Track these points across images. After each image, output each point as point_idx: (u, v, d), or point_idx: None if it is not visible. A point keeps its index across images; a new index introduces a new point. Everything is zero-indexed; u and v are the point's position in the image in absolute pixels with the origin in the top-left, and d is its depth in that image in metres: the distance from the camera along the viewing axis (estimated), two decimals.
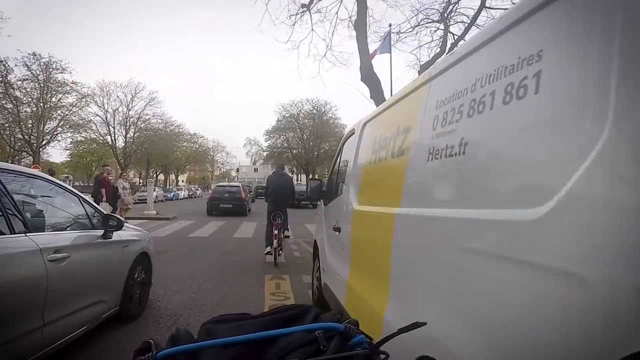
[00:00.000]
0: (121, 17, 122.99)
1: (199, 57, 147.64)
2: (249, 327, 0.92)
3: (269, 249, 7.37)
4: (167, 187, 49.67)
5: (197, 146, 60.08)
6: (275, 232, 7.19)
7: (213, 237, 11.11)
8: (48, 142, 31.60)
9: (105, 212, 3.78)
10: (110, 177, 11.62)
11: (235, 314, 1.06)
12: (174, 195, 39.90)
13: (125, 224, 3.83)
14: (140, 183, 56.96)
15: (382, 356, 0.87)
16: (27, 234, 2.50)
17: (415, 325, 0.86)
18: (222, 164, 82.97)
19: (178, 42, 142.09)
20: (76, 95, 31.40)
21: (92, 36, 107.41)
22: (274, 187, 7.71)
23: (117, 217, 3.68)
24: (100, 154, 40.33)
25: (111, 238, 3.55)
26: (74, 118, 32.14)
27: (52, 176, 6.27)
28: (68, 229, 3.21)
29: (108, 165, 13.64)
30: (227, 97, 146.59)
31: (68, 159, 52.76)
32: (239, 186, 20.16)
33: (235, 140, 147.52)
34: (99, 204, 7.54)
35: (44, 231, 2.88)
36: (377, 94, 10.37)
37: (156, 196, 34.22)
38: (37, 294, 2.46)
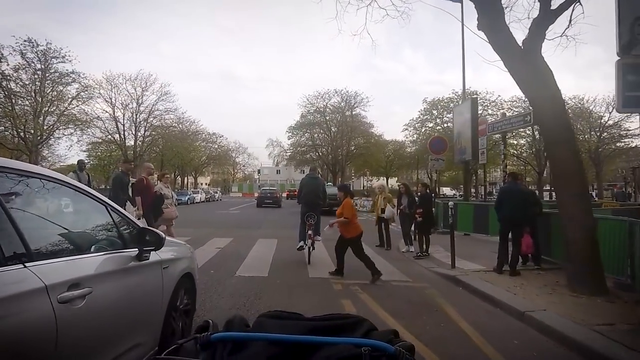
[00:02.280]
0: (146, 24, 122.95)
1: (223, 61, 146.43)
2: (299, 329, 0.92)
3: (301, 243, 7.76)
4: (183, 189, 46.17)
5: (216, 146, 56.64)
6: (309, 232, 7.60)
7: (204, 272, 6.59)
8: (47, 139, 28.20)
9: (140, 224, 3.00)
10: (155, 181, 8.21)
11: (289, 312, 1.09)
12: (189, 198, 36.12)
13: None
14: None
15: None
16: (27, 264, 1.78)
17: None
18: (244, 165, 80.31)
19: (202, 47, 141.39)
20: (78, 87, 27.90)
21: (117, 42, 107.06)
22: (307, 190, 8.12)
23: (156, 232, 2.87)
24: (118, 156, 37.22)
25: (148, 259, 2.81)
26: (75, 112, 28.68)
27: (81, 171, 8.35)
28: (90, 250, 2.42)
29: (149, 162, 9.63)
30: (250, 101, 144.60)
31: (86, 160, 50.48)
32: (276, 189, 34.32)
33: (258, 143, 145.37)
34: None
35: (53, 257, 2.05)
36: (507, 54, 5.61)
37: None
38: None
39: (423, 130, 35.05)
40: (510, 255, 6.71)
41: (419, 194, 9.29)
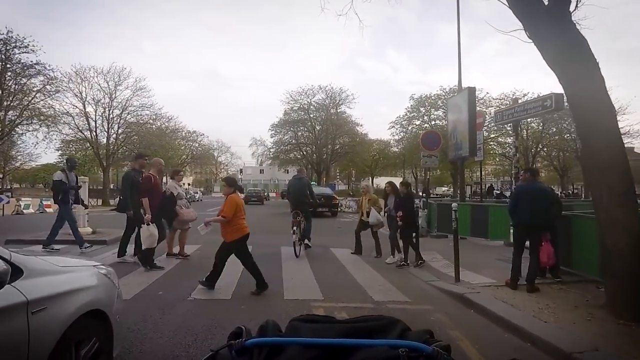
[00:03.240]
0: (127, 21, 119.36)
1: (207, 60, 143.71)
2: (333, 332, 0.92)
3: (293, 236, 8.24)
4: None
5: (196, 145, 54.70)
6: (294, 227, 8.23)
7: (143, 296, 5.24)
8: (8, 134, 26.08)
9: None
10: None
11: (321, 315, 1.11)
12: None
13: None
14: None
15: None
16: None
17: None
18: (227, 165, 78.62)
19: (185, 46, 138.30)
20: (43, 80, 25.85)
21: (97, 39, 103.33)
22: (294, 190, 9.11)
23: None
24: (92, 155, 35.07)
25: None
26: (40, 107, 26.61)
27: (71, 170, 8.33)
28: None
29: (159, 159, 8.42)
30: (234, 100, 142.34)
31: (59, 160, 47.91)
32: (260, 190, 41.61)
33: (242, 142, 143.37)
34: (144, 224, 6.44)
35: None
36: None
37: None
38: None
39: (410, 127, 34.14)
40: (528, 268, 5.58)
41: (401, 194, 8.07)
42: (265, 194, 47.63)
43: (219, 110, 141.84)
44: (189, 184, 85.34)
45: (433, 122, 31.19)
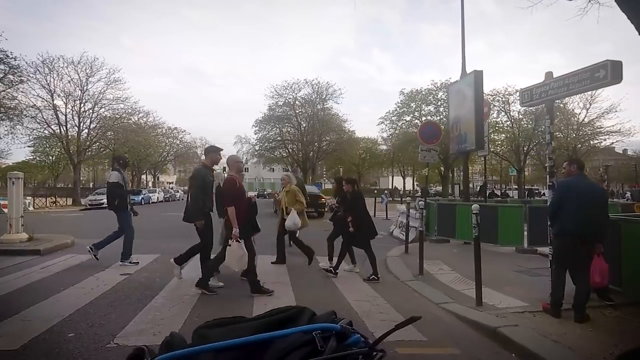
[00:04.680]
0: (106, 14, 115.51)
1: (190, 58, 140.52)
2: (245, 331, 0.90)
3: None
4: (137, 188, 42.05)
5: (177, 142, 52.55)
6: None
7: (54, 336, 3.69)
8: None
9: None
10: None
11: (230, 317, 1.06)
12: (143, 198, 32.38)
13: None
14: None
15: (380, 354, 0.89)
16: None
17: (412, 320, 0.95)
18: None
19: (167, 42, 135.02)
20: (3, 69, 23.68)
21: (72, 33, 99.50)
22: None
23: None
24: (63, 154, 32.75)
25: None
26: (1, 98, 24.38)
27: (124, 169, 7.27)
28: None
29: (236, 156, 6.28)
30: (218, 98, 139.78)
31: (30, 157, 45.29)
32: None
33: (227, 140, 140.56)
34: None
35: None
36: None
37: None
38: None
39: (400, 123, 32.93)
40: (576, 291, 4.25)
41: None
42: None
43: (202, 108, 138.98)
44: (170, 183, 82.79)
45: (424, 118, 30.00)
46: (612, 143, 34.49)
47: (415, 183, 50.14)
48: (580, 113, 33.20)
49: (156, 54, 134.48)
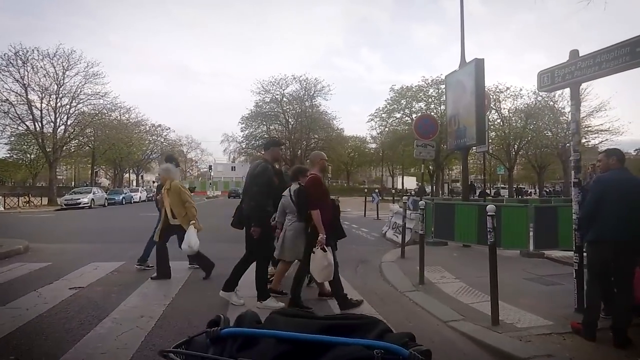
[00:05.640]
0: (92, 11, 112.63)
1: (176, 55, 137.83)
2: (310, 327, 0.89)
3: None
4: (119, 187, 40.67)
5: (162, 140, 51.13)
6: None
7: None
8: None
9: None
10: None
11: (303, 310, 1.22)
12: (124, 198, 31.16)
13: None
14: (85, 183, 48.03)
15: None
16: None
17: None
18: (197, 162, 75.40)
19: (154, 40, 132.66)
20: None
21: (56, 29, 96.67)
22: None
23: None
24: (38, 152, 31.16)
25: None
26: None
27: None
28: None
29: (320, 152, 5.24)
30: (206, 97, 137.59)
31: (8, 155, 43.46)
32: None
33: (214, 139, 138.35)
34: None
35: None
36: None
37: (92, 199, 25.65)
38: None
39: (390, 120, 32.30)
40: (615, 309, 3.53)
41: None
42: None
43: (190, 106, 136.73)
44: (154, 182, 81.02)
45: (414, 115, 29.41)
46: (601, 142, 34.46)
47: (417, 183, 49.88)
48: (569, 111, 33.03)
49: (143, 51, 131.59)
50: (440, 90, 29.03)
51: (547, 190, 39.89)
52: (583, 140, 34.85)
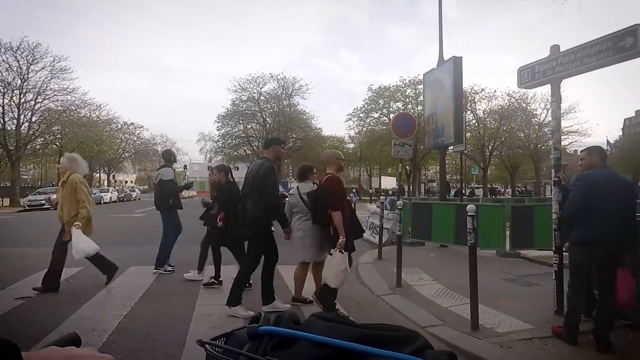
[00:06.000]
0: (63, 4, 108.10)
1: (152, 52, 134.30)
2: (345, 334, 0.85)
3: None
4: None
5: (135, 138, 49.54)
6: None
7: None
8: None
9: None
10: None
11: (338, 315, 1.20)
12: (93, 198, 29.83)
13: None
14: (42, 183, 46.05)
15: None
16: None
17: None
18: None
19: (129, 36, 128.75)
20: None
21: (22, 21, 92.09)
22: None
23: None
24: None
25: None
26: None
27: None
28: None
29: (336, 150, 5.73)
30: (182, 95, 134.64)
31: None
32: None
33: (191, 138, 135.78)
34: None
35: None
36: None
37: (51, 198, 24.41)
38: None
39: (368, 120, 32.29)
40: (597, 313, 3.41)
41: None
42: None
43: (166, 105, 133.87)
44: (131, 182, 78.55)
45: (392, 115, 29.50)
46: (570, 143, 35.58)
47: (397, 183, 50.24)
48: (541, 113, 33.94)
49: (117, 48, 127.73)
50: (417, 91, 29.22)
51: (519, 190, 40.89)
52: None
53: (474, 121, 32.19)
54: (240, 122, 37.10)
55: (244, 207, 4.29)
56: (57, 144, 34.87)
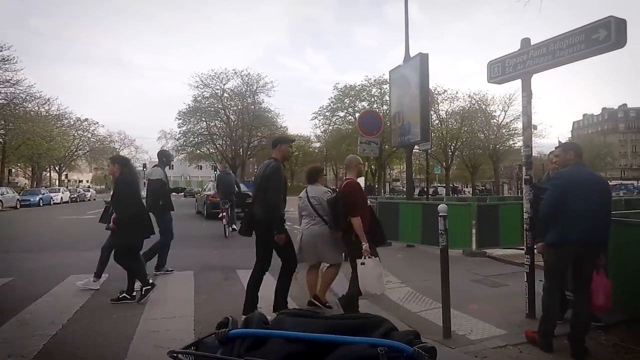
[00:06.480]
0: None
1: (110, 45, 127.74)
2: (318, 327, 0.90)
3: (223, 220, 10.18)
4: (33, 187, 36.57)
5: (89, 135, 46.80)
6: (224, 213, 10.23)
7: None
8: None
9: None
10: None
11: (308, 310, 1.14)
12: (41, 199, 27.80)
13: None
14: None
15: None
16: None
17: None
18: (131, 159, 70.34)
19: (84, 27, 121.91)
20: None
21: None
22: (224, 183, 10.92)
23: None
24: None
25: None
26: None
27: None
28: None
29: (356, 156, 4.80)
30: (143, 91, 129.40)
31: None
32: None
33: (153, 134, 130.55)
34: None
35: None
36: None
37: None
38: None
39: (334, 119, 32.16)
40: (573, 318, 3.25)
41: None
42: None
43: (125, 101, 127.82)
44: (81, 181, 74.27)
45: (357, 115, 29.51)
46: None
47: (367, 182, 50.43)
48: (499, 115, 35.18)
49: (70, 40, 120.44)
50: (382, 90, 29.41)
51: (479, 188, 42.30)
52: (510, 142, 37.41)
53: (436, 122, 32.85)
54: (203, 119, 35.85)
55: (251, 210, 4.11)
56: (0, 140, 32.27)
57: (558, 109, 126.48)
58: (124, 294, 4.39)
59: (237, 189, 11.03)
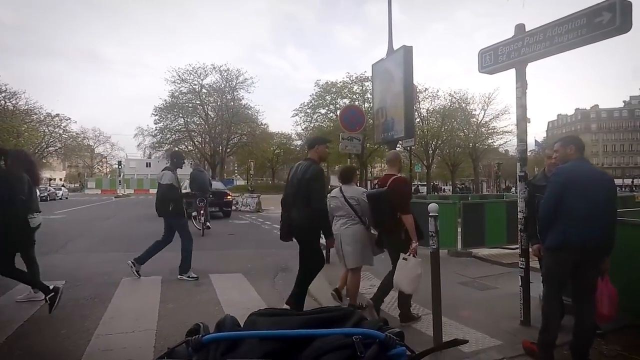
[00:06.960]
0: None
1: (85, 40, 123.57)
2: (289, 324, 0.92)
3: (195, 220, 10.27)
4: None
5: (60, 131, 44.89)
6: (201, 211, 10.26)
7: None
8: None
9: None
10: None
11: (279, 308, 1.15)
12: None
13: None
14: None
15: None
16: None
17: (456, 342, 0.90)
18: (106, 157, 68.50)
19: (56, 20, 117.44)
20: None
21: None
22: (197, 182, 10.75)
23: None
24: None
25: None
26: None
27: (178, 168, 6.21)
28: None
29: (397, 152, 5.38)
30: (119, 87, 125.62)
31: None
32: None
33: (129, 131, 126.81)
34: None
35: None
36: None
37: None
38: None
39: (315, 116, 31.77)
40: (576, 328, 2.96)
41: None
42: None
43: (100, 97, 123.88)
44: (61, 179, 71.43)
45: (339, 112, 29.25)
46: (505, 142, 37.69)
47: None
48: (479, 114, 35.53)
49: (43, 33, 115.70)
50: (364, 87, 29.20)
51: (459, 187, 42.71)
52: (489, 141, 37.87)
53: (418, 120, 32.89)
54: (181, 115, 34.83)
55: (288, 214, 4.01)
56: None
57: (534, 109, 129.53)
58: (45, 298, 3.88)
59: (210, 186, 11.34)
